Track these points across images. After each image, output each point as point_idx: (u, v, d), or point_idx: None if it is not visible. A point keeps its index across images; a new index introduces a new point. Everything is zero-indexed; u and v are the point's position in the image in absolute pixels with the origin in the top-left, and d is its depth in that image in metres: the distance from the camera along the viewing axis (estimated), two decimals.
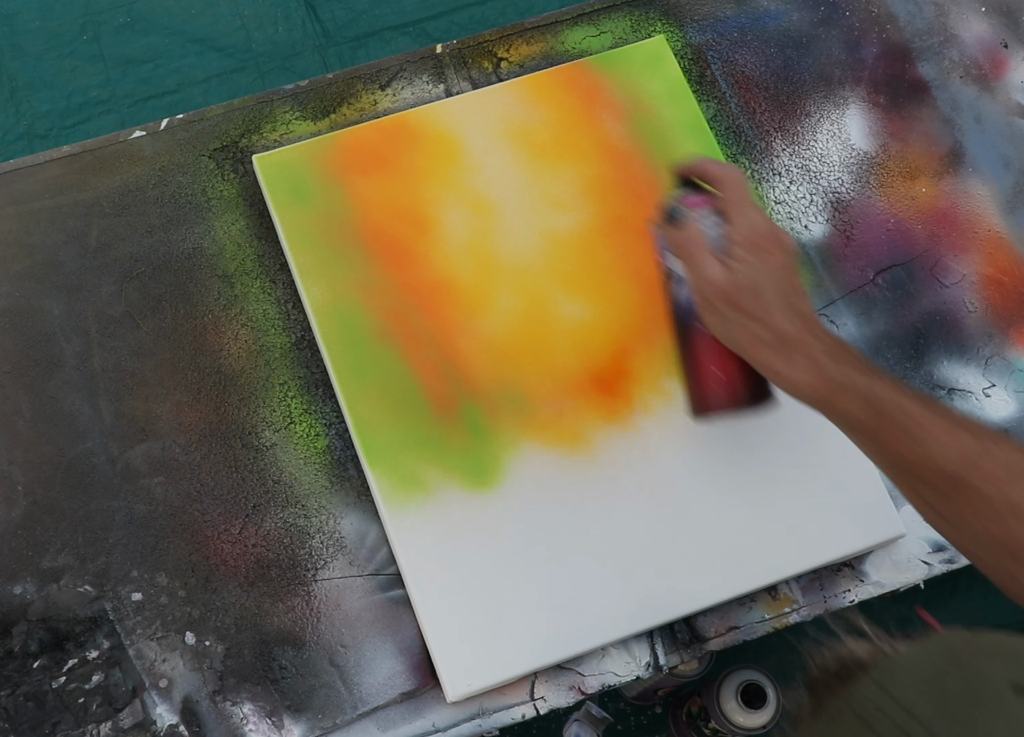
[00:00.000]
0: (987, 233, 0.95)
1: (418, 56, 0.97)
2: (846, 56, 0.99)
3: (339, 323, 0.86)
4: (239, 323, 0.88)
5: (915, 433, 0.64)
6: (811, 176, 0.96)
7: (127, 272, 0.88)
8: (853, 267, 0.93)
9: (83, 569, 0.81)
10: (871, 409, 0.66)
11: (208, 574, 0.81)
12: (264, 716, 0.78)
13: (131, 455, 0.84)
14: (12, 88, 1.56)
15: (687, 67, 0.97)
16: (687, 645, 0.82)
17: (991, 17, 1.02)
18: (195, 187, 0.91)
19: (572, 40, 0.98)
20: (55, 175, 0.91)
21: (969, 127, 0.98)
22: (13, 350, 0.86)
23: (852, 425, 0.68)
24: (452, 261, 0.88)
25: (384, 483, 0.82)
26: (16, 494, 0.82)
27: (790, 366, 0.69)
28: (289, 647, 0.80)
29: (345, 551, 0.82)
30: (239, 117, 0.94)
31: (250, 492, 0.83)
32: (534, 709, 0.80)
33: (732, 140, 0.96)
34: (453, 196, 0.90)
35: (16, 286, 0.87)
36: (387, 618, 0.81)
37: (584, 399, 0.85)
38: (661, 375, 0.86)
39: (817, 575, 0.85)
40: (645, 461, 0.84)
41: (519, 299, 0.88)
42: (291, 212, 0.89)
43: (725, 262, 0.72)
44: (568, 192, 0.91)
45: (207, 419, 0.85)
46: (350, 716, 0.79)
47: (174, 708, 0.78)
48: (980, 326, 0.92)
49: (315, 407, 0.86)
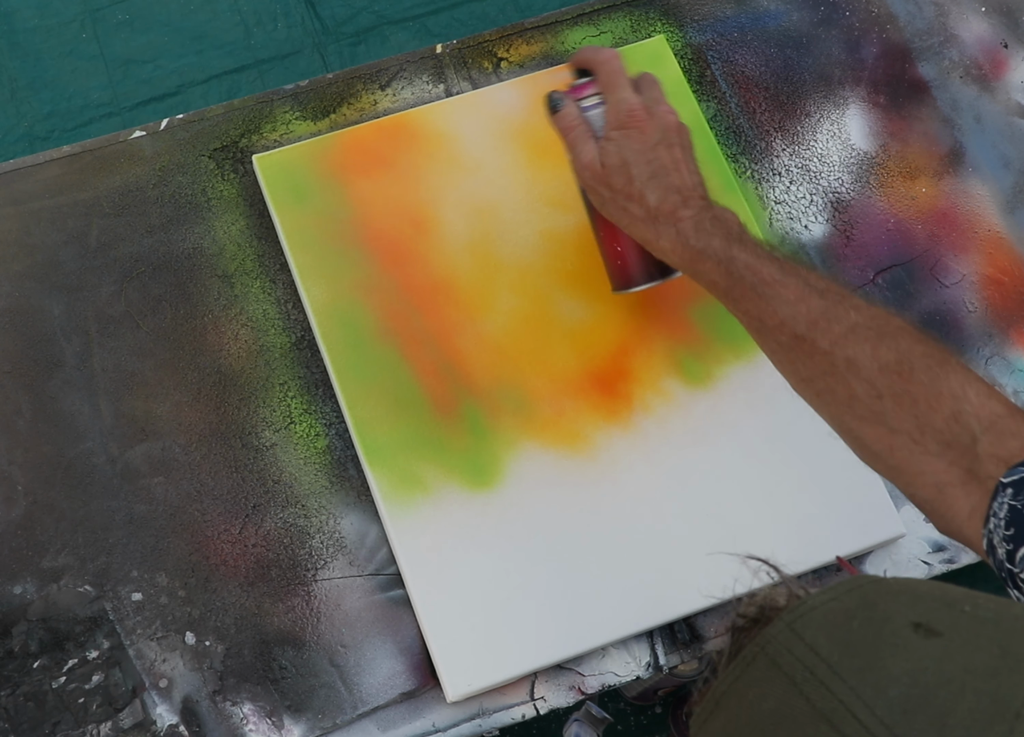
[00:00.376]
0: (987, 233, 0.95)
1: (418, 56, 0.97)
2: (846, 56, 0.99)
3: (339, 323, 0.86)
4: (239, 323, 0.88)
5: (767, 295, 0.67)
6: (811, 176, 0.96)
7: (127, 272, 0.88)
8: (853, 267, 0.93)
9: (83, 569, 0.81)
10: (728, 275, 0.70)
11: (208, 574, 0.81)
12: (264, 716, 0.78)
13: (131, 455, 0.84)
14: (12, 89, 1.56)
15: (687, 67, 0.97)
16: (687, 645, 0.82)
17: (991, 17, 1.02)
18: (195, 187, 0.91)
19: (572, 40, 0.98)
20: (55, 175, 0.91)
21: (969, 127, 0.98)
22: (13, 350, 0.86)
23: (714, 289, 0.72)
24: (452, 261, 0.88)
25: (384, 483, 0.82)
26: (16, 494, 0.82)
27: (658, 237, 0.74)
28: (289, 647, 0.80)
29: (345, 551, 0.82)
30: (239, 117, 0.94)
31: (250, 492, 0.83)
32: (534, 709, 0.80)
33: (732, 140, 0.96)
34: (453, 196, 0.90)
35: (16, 286, 0.87)
36: (387, 618, 0.81)
37: (584, 399, 0.85)
38: (661, 375, 0.86)
39: (817, 575, 0.85)
40: (645, 461, 0.84)
41: (519, 299, 0.88)
42: (291, 212, 0.89)
43: (599, 143, 0.77)
44: (568, 192, 0.91)
45: (207, 419, 0.85)
46: (350, 716, 0.79)
47: (174, 708, 0.78)
48: (980, 326, 0.92)
49: (315, 407, 0.86)
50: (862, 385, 0.63)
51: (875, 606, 0.43)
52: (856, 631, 0.42)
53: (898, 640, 0.40)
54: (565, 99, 0.79)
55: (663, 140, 0.76)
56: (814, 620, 0.43)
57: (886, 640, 0.41)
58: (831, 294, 0.66)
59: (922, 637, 0.40)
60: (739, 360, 0.86)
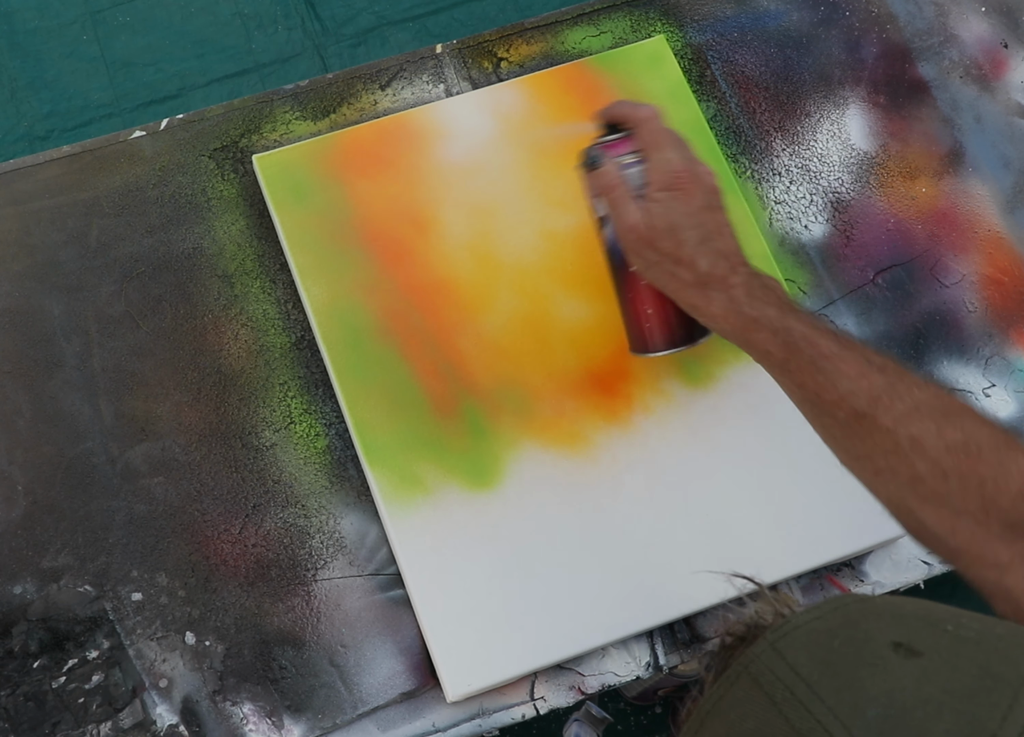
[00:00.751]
0: (987, 233, 0.95)
1: (418, 56, 0.97)
2: (846, 56, 0.99)
3: (339, 323, 0.86)
4: (239, 323, 0.88)
5: (826, 369, 0.65)
6: (811, 176, 0.96)
7: (127, 272, 0.88)
8: (853, 267, 0.93)
9: (83, 569, 0.81)
10: (783, 344, 0.67)
11: (208, 574, 0.81)
12: (264, 716, 0.78)
13: (131, 455, 0.84)
14: (12, 89, 1.56)
15: (687, 67, 0.97)
16: (687, 645, 0.82)
17: (991, 17, 1.02)
18: (195, 187, 0.91)
19: (572, 40, 0.98)
20: (55, 175, 0.91)
21: (969, 127, 0.98)
22: (13, 350, 0.86)
23: (767, 360, 0.69)
24: (452, 261, 0.88)
25: (384, 483, 0.82)
26: (16, 494, 0.82)
27: (708, 303, 0.71)
28: (289, 647, 0.80)
29: (345, 551, 0.82)
30: (239, 117, 0.94)
31: (250, 492, 0.83)
32: (534, 709, 0.80)
33: (732, 140, 0.96)
34: (453, 196, 0.90)
35: (16, 286, 0.87)
36: (387, 618, 0.81)
37: (584, 399, 0.85)
38: (661, 375, 0.86)
39: (817, 575, 0.85)
40: (645, 461, 0.84)
41: (519, 299, 0.88)
42: (291, 212, 0.89)
43: (642, 204, 0.73)
44: (568, 192, 0.91)
45: (207, 419, 0.85)
46: (350, 716, 0.79)
47: (174, 708, 0.78)
48: (980, 326, 0.92)
49: (315, 407, 0.86)
50: (927, 465, 0.60)
51: (857, 625, 0.43)
52: (837, 650, 0.42)
53: (878, 660, 0.40)
54: (604, 156, 0.76)
55: (708, 203, 0.73)
56: (797, 639, 0.43)
57: (866, 660, 0.41)
58: (890, 371, 0.64)
59: (902, 657, 0.40)
60: (739, 360, 0.86)
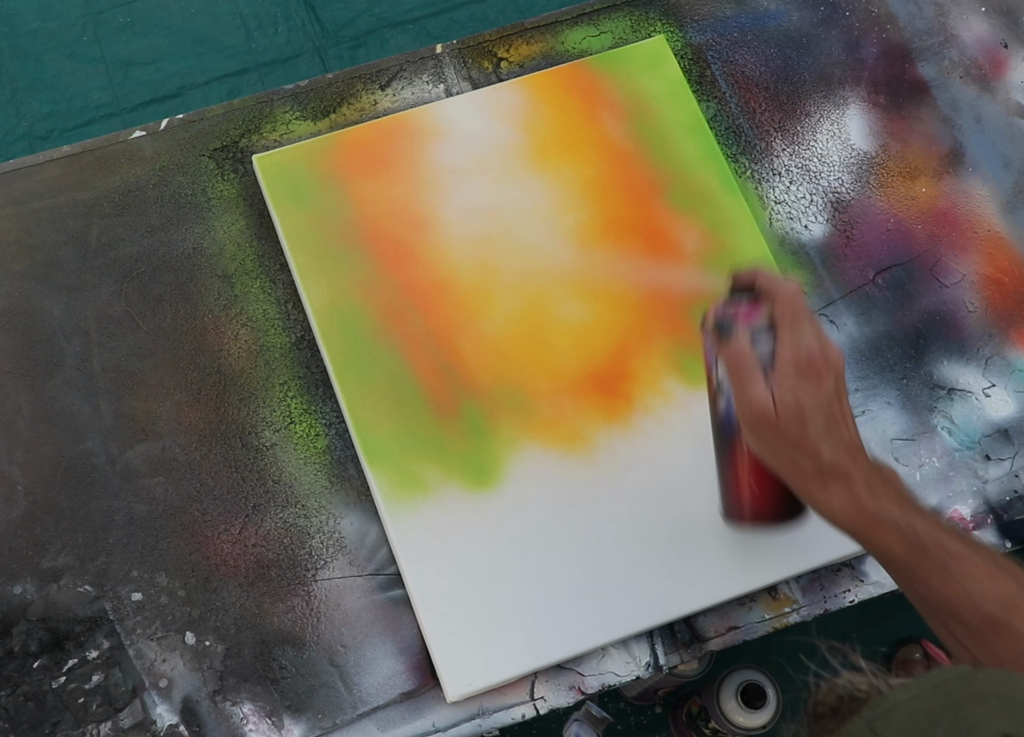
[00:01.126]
0: (987, 233, 0.95)
1: (418, 56, 0.97)
2: (846, 56, 0.99)
3: (339, 323, 0.86)
4: (239, 323, 0.88)
5: (955, 572, 0.63)
6: (811, 176, 0.96)
7: (127, 272, 0.88)
8: (853, 267, 0.93)
9: (83, 569, 0.81)
10: (910, 545, 0.65)
11: (208, 574, 0.81)
12: (264, 716, 0.78)
13: (131, 455, 0.84)
14: (13, 89, 1.56)
15: (687, 67, 0.97)
16: (687, 645, 0.82)
17: (991, 17, 1.02)
18: (195, 187, 0.91)
19: (572, 40, 0.98)
20: (55, 175, 0.91)
21: (969, 127, 0.98)
22: (13, 350, 0.86)
23: (890, 560, 0.66)
24: (452, 261, 0.88)
25: (384, 483, 0.82)
26: (16, 494, 0.82)
27: (828, 496, 0.68)
28: (289, 647, 0.80)
29: (345, 551, 0.82)
30: (239, 117, 0.94)
31: (250, 492, 0.83)
32: (534, 709, 0.80)
33: (732, 140, 0.96)
34: (453, 196, 0.90)
35: (16, 286, 0.87)
36: (387, 618, 0.81)
37: (584, 399, 0.85)
38: (661, 375, 0.86)
39: (817, 575, 0.85)
40: (645, 461, 0.84)
41: (519, 299, 0.88)
42: (291, 212, 0.89)
43: (771, 385, 0.68)
44: (568, 192, 0.91)
45: (207, 419, 0.85)
46: (350, 716, 0.79)
47: (174, 708, 0.78)
48: (980, 326, 0.92)
49: (315, 407, 0.86)
50: None
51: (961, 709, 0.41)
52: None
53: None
54: (735, 325, 0.71)
55: (836, 390, 0.69)
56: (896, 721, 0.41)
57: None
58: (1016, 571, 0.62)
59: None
60: None
